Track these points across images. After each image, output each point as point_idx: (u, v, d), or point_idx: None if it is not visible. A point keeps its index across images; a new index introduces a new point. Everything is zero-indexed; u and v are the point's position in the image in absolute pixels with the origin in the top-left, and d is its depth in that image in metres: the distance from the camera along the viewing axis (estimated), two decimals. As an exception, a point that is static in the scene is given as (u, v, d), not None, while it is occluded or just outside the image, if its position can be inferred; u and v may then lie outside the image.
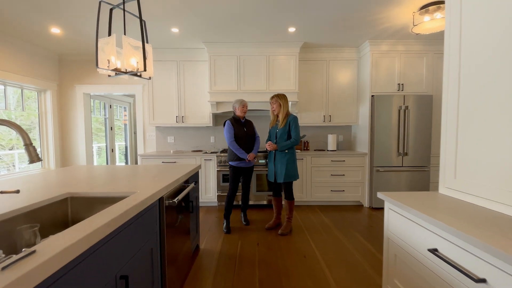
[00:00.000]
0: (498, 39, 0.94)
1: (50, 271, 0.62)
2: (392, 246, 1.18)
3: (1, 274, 0.55)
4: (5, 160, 3.50)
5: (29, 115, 3.80)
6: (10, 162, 3.58)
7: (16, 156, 3.67)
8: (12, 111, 3.53)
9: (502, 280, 0.67)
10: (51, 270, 0.62)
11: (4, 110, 3.43)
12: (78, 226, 0.82)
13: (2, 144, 3.47)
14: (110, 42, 1.73)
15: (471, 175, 1.07)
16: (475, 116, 1.06)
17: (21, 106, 3.68)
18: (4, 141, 3.50)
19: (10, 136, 3.56)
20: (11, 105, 3.53)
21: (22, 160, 3.70)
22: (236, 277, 1.92)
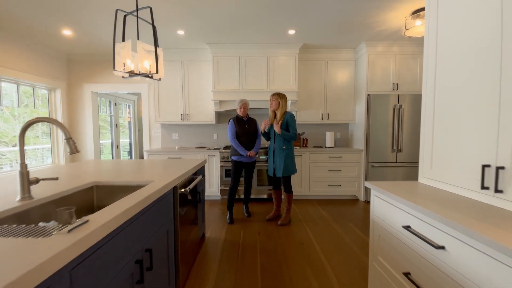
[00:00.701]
0: (468, 47, 1.11)
1: (99, 236, 0.80)
2: (377, 227, 1.36)
3: (68, 235, 0.72)
4: (8, 157, 3.57)
5: (32, 112, 3.88)
6: (14, 159, 3.65)
7: (29, 153, 3.82)
8: (16, 108, 3.59)
9: (456, 246, 0.85)
10: (100, 236, 0.80)
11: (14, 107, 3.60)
12: (115, 204, 0.99)
13: (5, 141, 3.54)
14: (125, 47, 1.90)
15: (444, 166, 1.25)
16: (447, 115, 1.23)
17: (24, 103, 3.75)
18: (7, 138, 3.57)
19: (14, 133, 3.66)
20: (14, 102, 3.60)
21: (28, 156, 3.87)
22: (240, 262, 2.11)
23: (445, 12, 1.24)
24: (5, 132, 3.53)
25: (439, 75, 1.28)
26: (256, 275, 1.91)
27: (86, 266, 0.75)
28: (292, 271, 1.96)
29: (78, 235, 0.72)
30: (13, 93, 3.57)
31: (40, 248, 0.63)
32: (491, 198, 1.00)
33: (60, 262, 0.62)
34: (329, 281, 1.83)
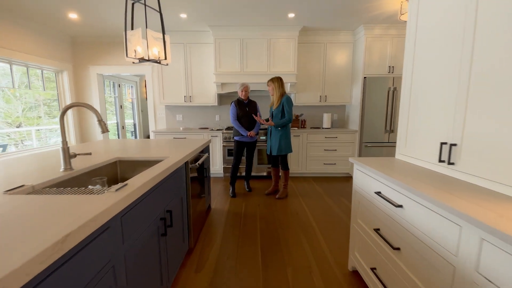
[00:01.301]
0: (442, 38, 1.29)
1: (136, 195, 1.05)
2: (357, 195, 1.62)
3: (116, 193, 0.97)
4: (13, 138, 3.65)
5: (34, 93, 3.92)
6: (19, 139, 3.74)
7: (33, 133, 3.96)
8: (17, 89, 3.63)
9: (411, 205, 1.10)
10: (137, 195, 1.05)
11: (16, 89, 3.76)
12: (143, 174, 1.24)
13: (9, 122, 3.58)
14: (135, 34, 2.06)
15: (415, 143, 1.48)
16: (419, 101, 1.44)
17: (24, 83, 3.77)
18: (10, 119, 3.61)
19: (16, 113, 3.72)
20: (15, 83, 3.60)
21: (30, 137, 4.08)
22: (242, 227, 2.42)
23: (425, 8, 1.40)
24: (7, 112, 3.58)
25: (416, 63, 1.47)
26: (256, 238, 2.21)
27: (130, 215, 1.01)
28: (287, 234, 2.27)
29: (123, 193, 0.97)
30: (13, 74, 3.61)
31: (100, 201, 0.88)
32: (445, 169, 1.24)
33: (115, 210, 0.87)
34: (318, 241, 2.14)
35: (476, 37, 1.06)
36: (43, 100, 4.09)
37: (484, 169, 1.04)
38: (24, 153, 3.69)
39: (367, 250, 1.49)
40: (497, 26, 0.97)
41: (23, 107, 3.82)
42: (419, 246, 1.03)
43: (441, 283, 0.92)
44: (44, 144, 4.19)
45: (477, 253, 0.78)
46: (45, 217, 0.73)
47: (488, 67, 1.01)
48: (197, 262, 1.87)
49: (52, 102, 4.24)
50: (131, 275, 1.02)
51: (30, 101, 3.93)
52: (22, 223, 0.70)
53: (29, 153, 3.74)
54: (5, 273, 0.49)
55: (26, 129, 3.90)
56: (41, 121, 4.10)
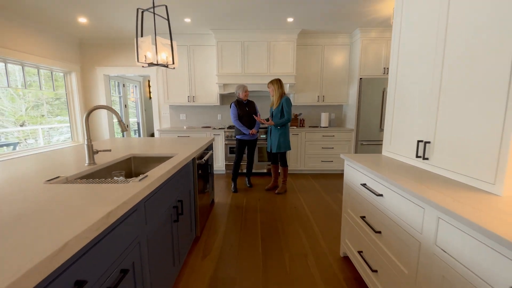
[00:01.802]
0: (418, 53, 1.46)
1: (156, 184, 1.23)
2: (347, 188, 1.80)
3: (140, 182, 1.15)
4: (17, 136, 3.71)
5: (37, 93, 4.00)
6: (23, 138, 3.83)
7: (39, 132, 4.07)
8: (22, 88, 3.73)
9: (389, 194, 1.28)
10: (156, 184, 1.23)
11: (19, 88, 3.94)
12: (159, 168, 1.42)
13: (12, 121, 3.64)
14: (146, 41, 2.24)
15: (398, 141, 1.66)
16: (401, 103, 1.62)
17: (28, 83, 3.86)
18: (14, 118, 3.66)
19: (20, 112, 3.79)
20: (18, 82, 3.68)
21: (34, 136, 4.27)
22: (244, 219, 2.60)
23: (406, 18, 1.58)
24: (11, 111, 3.66)
25: (399, 70, 1.65)
26: (257, 228, 2.40)
27: (150, 201, 1.20)
28: (285, 225, 2.46)
29: (145, 183, 1.15)
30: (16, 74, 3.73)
31: (128, 188, 1.07)
32: (421, 164, 1.42)
33: (140, 196, 1.06)
34: (313, 232, 2.32)
35: (445, 54, 1.24)
36: (46, 99, 4.16)
37: (451, 163, 1.22)
38: (34, 151, 3.87)
39: (355, 236, 1.68)
40: (460, 48, 1.15)
41: (26, 106, 3.91)
42: (395, 228, 1.21)
43: (410, 257, 1.10)
44: (47, 142, 4.33)
45: (435, 230, 0.96)
46: (88, 200, 0.92)
47: (453, 80, 1.19)
48: (203, 249, 2.06)
49: (53, 101, 4.35)
50: (151, 252, 1.21)
51: (32, 100, 3.96)
52: (72, 205, 0.88)
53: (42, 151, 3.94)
54: (76, 234, 0.67)
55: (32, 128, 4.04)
56: (44, 120, 4.17)
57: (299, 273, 1.77)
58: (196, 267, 1.84)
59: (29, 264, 0.54)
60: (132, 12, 3.30)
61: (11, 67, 3.56)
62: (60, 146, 4.33)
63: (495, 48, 0.99)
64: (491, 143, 1.02)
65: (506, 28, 0.94)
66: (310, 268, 1.82)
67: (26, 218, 0.76)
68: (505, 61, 0.95)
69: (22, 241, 0.63)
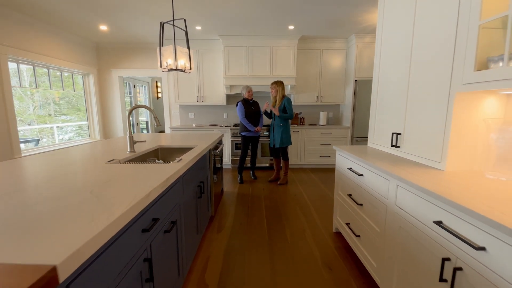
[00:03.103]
0: (402, 48, 1.83)
1: (188, 166, 1.60)
2: (338, 173, 2.18)
3: (178, 163, 1.53)
4: (25, 134, 3.88)
5: (45, 92, 4.15)
6: (31, 136, 3.98)
7: (55, 129, 4.38)
8: (27, 87, 4.15)
9: (367, 173, 1.65)
10: (189, 165, 1.61)
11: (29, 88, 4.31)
12: (187, 154, 1.80)
13: (21, 120, 3.78)
14: (167, 50, 2.62)
15: (379, 134, 2.03)
16: (381, 101, 1.99)
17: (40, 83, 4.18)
18: (22, 116, 3.79)
19: (28, 111, 3.95)
20: (26, 82, 3.90)
21: (48, 133, 4.63)
22: (250, 204, 2.98)
23: (385, 31, 1.94)
24: (19, 110, 3.91)
25: (381, 74, 2.02)
26: (262, 211, 2.78)
27: (184, 178, 1.58)
28: (287, 209, 2.83)
29: (182, 163, 1.53)
30: (26, 76, 4.24)
31: (171, 167, 1.44)
32: (395, 151, 1.79)
33: (181, 171, 1.43)
34: (311, 214, 2.70)
35: (411, 61, 1.61)
36: (52, 98, 4.32)
37: (414, 149, 1.59)
38: (54, 147, 4.26)
39: (344, 212, 2.06)
40: (420, 57, 1.52)
41: (34, 105, 4.12)
42: (371, 199, 1.59)
43: (380, 217, 1.47)
44: (53, 141, 4.58)
45: (395, 194, 1.33)
46: (149, 172, 1.30)
47: (415, 85, 1.57)
48: (217, 226, 2.44)
49: (60, 101, 4.52)
50: (185, 216, 1.59)
51: (40, 99, 4.10)
52: (138, 175, 1.26)
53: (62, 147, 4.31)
54: (153, 187, 1.05)
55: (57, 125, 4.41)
56: (51, 119, 4.32)
57: (298, 243, 2.15)
58: (213, 239, 2.21)
59: (136, 199, 0.91)
60: (148, 21, 3.68)
61: (15, 67, 3.94)
62: (81, 142, 4.71)
63: (440, 60, 1.36)
64: (438, 133, 1.39)
65: (447, 47, 1.32)
66: (307, 240, 2.20)
67: (113, 181, 1.14)
68: (447, 71, 1.32)
69: (123, 191, 1.01)
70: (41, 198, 0.91)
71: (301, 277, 1.72)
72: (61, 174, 1.25)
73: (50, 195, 0.94)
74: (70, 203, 0.86)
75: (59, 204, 0.85)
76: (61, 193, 0.97)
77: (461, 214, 0.92)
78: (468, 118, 1.31)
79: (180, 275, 1.49)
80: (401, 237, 1.28)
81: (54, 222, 0.72)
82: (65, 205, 0.84)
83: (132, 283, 0.90)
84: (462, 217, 0.91)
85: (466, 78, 1.21)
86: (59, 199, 0.90)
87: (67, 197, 0.92)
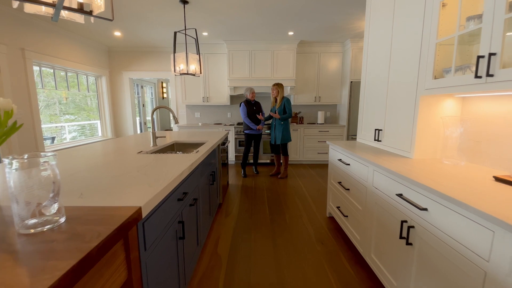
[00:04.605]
0: (383, 57, 2.15)
1: (204, 157, 1.93)
2: (331, 164, 2.50)
3: (196, 154, 1.86)
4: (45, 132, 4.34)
5: (50, 91, 4.32)
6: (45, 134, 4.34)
7: (66, 128, 4.71)
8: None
9: (353, 163, 1.97)
10: (204, 156, 1.93)
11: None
12: (203, 146, 2.13)
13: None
14: (180, 56, 2.95)
15: (365, 131, 2.35)
16: (367, 102, 2.31)
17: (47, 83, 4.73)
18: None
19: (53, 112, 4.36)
20: (38, 84, 4.40)
21: (53, 132, 4.97)
22: (253, 195, 3.31)
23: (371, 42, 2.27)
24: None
25: (367, 76, 2.34)
26: (264, 200, 3.11)
27: (201, 165, 1.91)
28: (286, 198, 3.16)
29: (199, 154, 1.86)
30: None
31: (191, 157, 1.77)
32: (377, 144, 2.12)
33: (200, 159, 1.76)
34: (308, 202, 3.03)
35: (390, 65, 1.94)
36: (58, 98, 4.63)
37: (392, 142, 1.92)
38: (69, 144, 4.59)
39: (335, 197, 2.38)
40: (396, 63, 1.84)
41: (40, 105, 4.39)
42: (355, 183, 1.91)
43: (362, 198, 1.80)
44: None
45: (372, 177, 1.66)
46: (174, 161, 1.62)
47: (393, 85, 1.89)
48: (225, 212, 2.77)
49: (63, 101, 4.81)
50: (201, 197, 1.92)
51: (47, 98, 4.27)
52: (167, 162, 1.59)
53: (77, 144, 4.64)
54: (184, 168, 1.37)
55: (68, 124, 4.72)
56: (56, 118, 4.63)
57: (296, 225, 2.48)
58: (221, 222, 2.54)
59: (174, 176, 1.24)
60: (159, 28, 4.01)
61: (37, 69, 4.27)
62: (96, 139, 5.05)
63: (410, 69, 1.69)
64: (408, 128, 1.72)
65: (415, 59, 1.64)
66: (304, 222, 2.53)
67: (151, 165, 1.47)
68: (415, 78, 1.65)
69: (162, 171, 1.34)
70: (108, 175, 1.24)
71: (298, 249, 2.05)
72: (108, 161, 1.58)
73: (112, 173, 1.27)
74: (129, 178, 1.19)
75: (122, 178, 1.18)
76: (118, 172, 1.30)
77: (414, 187, 1.24)
78: (431, 116, 1.63)
79: (199, 245, 1.82)
80: (376, 211, 1.61)
81: (128, 187, 1.05)
82: (127, 179, 1.17)
83: (171, 238, 1.23)
84: (414, 189, 1.24)
85: (427, 85, 1.54)
86: (120, 176, 1.23)
87: (124, 174, 1.25)
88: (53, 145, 4.31)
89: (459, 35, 1.34)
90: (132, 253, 0.85)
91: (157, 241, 1.05)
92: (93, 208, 0.83)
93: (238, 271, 1.79)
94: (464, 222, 0.95)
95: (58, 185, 0.71)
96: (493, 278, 0.84)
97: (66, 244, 0.62)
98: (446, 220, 1.04)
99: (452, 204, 1.00)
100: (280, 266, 1.84)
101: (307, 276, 1.73)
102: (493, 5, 1.13)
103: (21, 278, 0.50)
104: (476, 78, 1.19)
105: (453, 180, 1.20)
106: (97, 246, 0.62)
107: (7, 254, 0.59)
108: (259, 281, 1.68)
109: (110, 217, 0.77)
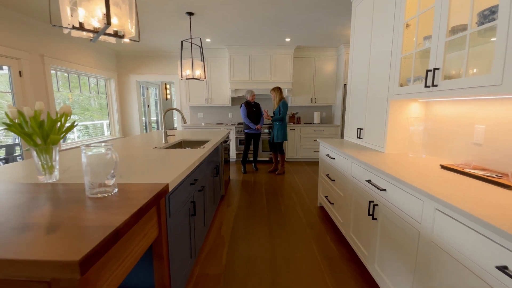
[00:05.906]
0: (364, 64, 2.47)
1: (209, 151, 2.25)
2: (321, 159, 2.82)
3: (203, 149, 2.18)
4: None
5: (59, 93, 4.79)
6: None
7: (75, 129, 5.08)
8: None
9: (338, 157, 2.30)
10: (210, 151, 2.26)
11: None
12: (208, 143, 2.45)
13: None
14: (186, 63, 3.27)
15: (350, 129, 2.67)
16: (353, 106, 2.63)
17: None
18: None
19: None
20: (60, 86, 4.82)
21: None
22: (252, 188, 3.63)
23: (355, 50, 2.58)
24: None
25: (352, 80, 2.66)
26: (262, 193, 3.43)
27: (206, 160, 2.24)
28: (283, 192, 3.49)
29: (205, 149, 2.18)
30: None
31: (199, 151, 2.10)
32: (359, 141, 2.44)
33: (206, 154, 2.09)
34: (302, 195, 3.35)
35: (369, 70, 2.26)
36: (63, 99, 5.04)
37: (370, 139, 2.24)
38: (79, 143, 4.93)
39: (324, 189, 2.70)
40: (373, 67, 2.17)
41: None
42: (339, 174, 2.23)
43: (344, 186, 2.12)
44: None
45: (350, 168, 1.98)
46: (185, 154, 1.95)
47: (372, 88, 2.21)
48: (227, 202, 3.10)
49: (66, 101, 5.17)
50: (207, 187, 2.25)
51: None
52: (180, 155, 1.91)
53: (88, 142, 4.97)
54: (194, 160, 1.70)
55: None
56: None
57: (290, 213, 2.80)
58: (224, 211, 2.87)
59: (188, 164, 1.57)
60: (166, 35, 4.33)
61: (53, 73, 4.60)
62: (106, 138, 5.38)
63: (383, 77, 2.01)
64: (382, 127, 2.04)
65: (386, 69, 1.97)
66: (297, 210, 2.85)
67: (167, 157, 1.80)
68: (386, 85, 1.97)
69: (177, 161, 1.67)
70: (136, 162, 1.57)
71: (290, 232, 2.37)
72: (131, 154, 1.91)
73: (138, 162, 1.60)
74: (154, 165, 1.51)
75: (148, 165, 1.51)
76: (143, 160, 1.62)
77: (378, 173, 1.56)
78: (400, 117, 1.95)
79: (205, 226, 2.15)
80: (354, 196, 1.93)
81: (155, 171, 1.38)
82: (152, 165, 1.50)
83: (186, 214, 1.56)
84: (378, 175, 1.56)
85: (395, 91, 1.86)
86: (146, 163, 1.55)
87: (148, 162, 1.57)
88: (64, 143, 4.64)
89: (417, 51, 1.66)
90: (161, 217, 1.17)
91: (177, 211, 1.38)
92: (133, 185, 1.16)
93: (238, 248, 2.11)
94: (407, 197, 1.27)
95: (117, 165, 1.03)
96: (423, 235, 1.16)
97: (125, 203, 0.95)
98: (397, 197, 1.36)
99: (401, 184, 1.32)
100: (274, 245, 2.16)
101: (296, 252, 2.05)
102: (438, 29, 1.45)
103: (103, 216, 0.83)
104: (425, 87, 1.51)
105: (409, 168, 1.52)
106: (146, 203, 0.95)
107: (86, 208, 0.91)
108: (256, 255, 2.01)
109: (148, 189, 1.10)
